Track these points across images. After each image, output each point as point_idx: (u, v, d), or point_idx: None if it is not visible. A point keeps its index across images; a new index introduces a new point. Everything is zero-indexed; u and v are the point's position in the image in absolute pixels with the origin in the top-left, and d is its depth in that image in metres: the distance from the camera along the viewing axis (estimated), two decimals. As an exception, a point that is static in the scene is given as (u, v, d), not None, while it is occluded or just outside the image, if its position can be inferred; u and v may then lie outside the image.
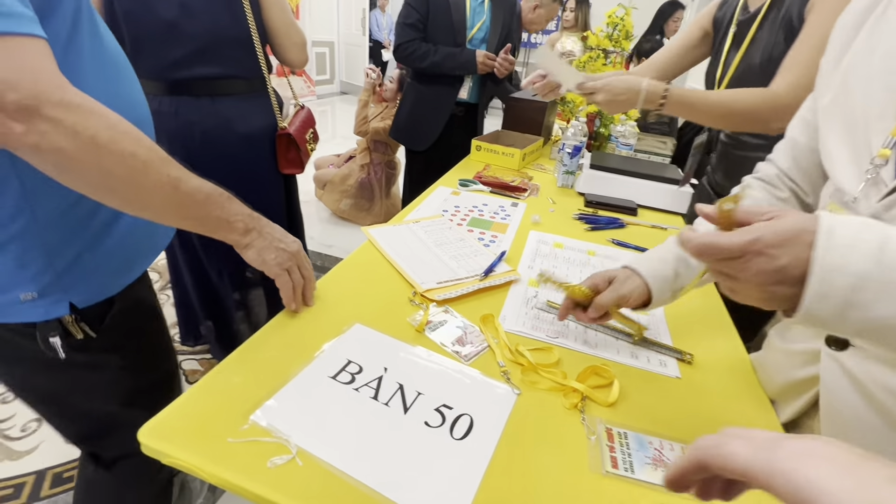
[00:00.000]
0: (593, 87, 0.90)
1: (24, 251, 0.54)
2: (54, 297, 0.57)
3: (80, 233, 0.58)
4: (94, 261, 0.60)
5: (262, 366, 0.55)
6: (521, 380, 0.58)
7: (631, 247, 0.98)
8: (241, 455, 0.44)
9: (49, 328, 0.58)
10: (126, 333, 0.68)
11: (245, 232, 0.60)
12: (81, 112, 0.43)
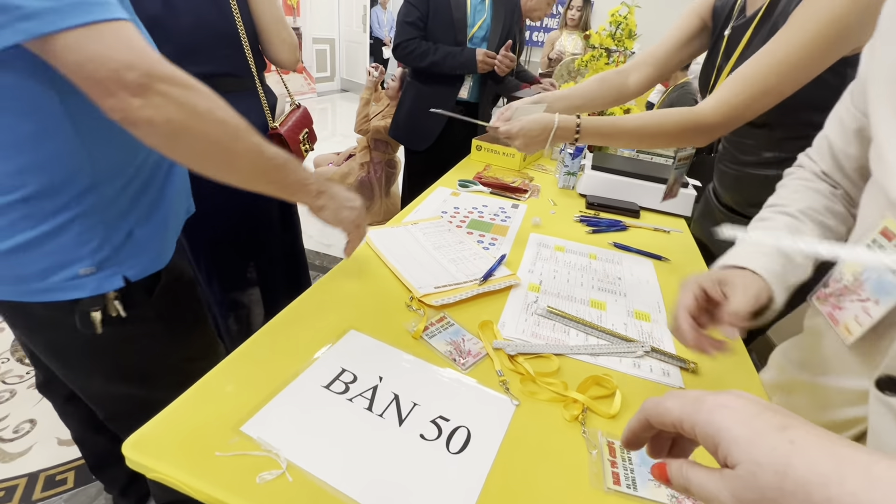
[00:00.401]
0: (507, 132, 0.87)
1: (86, 227, 0.58)
2: (110, 270, 0.62)
3: (134, 208, 0.63)
4: (144, 235, 0.65)
5: (254, 374, 0.54)
6: (521, 390, 0.56)
7: (633, 250, 0.96)
8: (229, 469, 0.43)
9: (93, 303, 0.61)
10: (171, 305, 0.71)
11: (318, 194, 0.65)
12: (183, 85, 0.48)
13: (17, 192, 0.53)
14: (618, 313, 0.74)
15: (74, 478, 1.16)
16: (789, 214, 0.55)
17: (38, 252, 0.57)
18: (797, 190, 0.57)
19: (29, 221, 0.55)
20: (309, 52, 6.05)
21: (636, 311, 0.75)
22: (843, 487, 0.19)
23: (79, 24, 0.42)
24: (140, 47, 0.45)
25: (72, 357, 0.68)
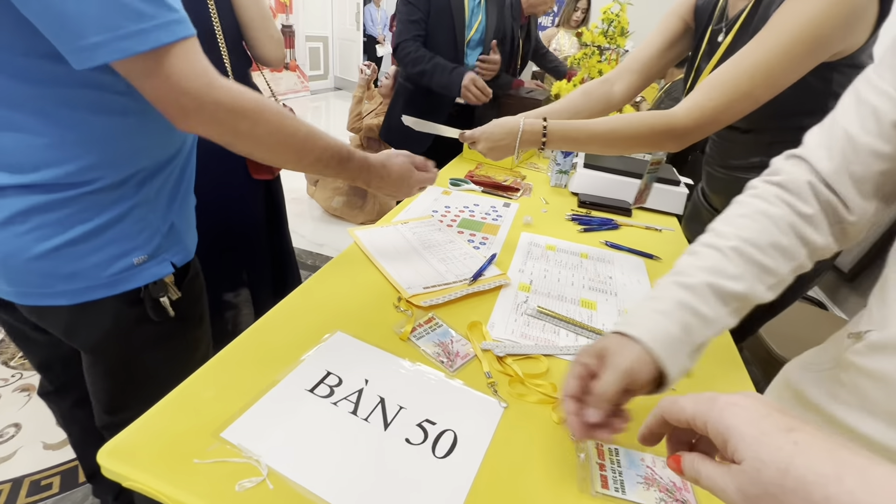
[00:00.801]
0: (472, 136, 0.85)
1: (140, 217, 0.61)
2: (160, 257, 0.65)
3: (175, 197, 0.67)
4: (181, 224, 0.68)
5: (236, 378, 0.52)
6: (509, 392, 0.55)
7: (624, 249, 0.96)
8: (208, 477, 0.41)
9: (158, 289, 0.64)
10: (191, 303, 0.72)
11: (369, 180, 0.72)
12: (229, 110, 0.52)
13: (89, 186, 0.55)
14: (608, 313, 0.73)
15: (60, 482, 1.14)
16: (719, 250, 0.45)
17: (98, 242, 0.58)
18: (745, 215, 0.47)
19: (89, 213, 0.56)
20: (302, 50, 6.00)
21: (627, 311, 0.74)
22: (842, 486, 0.20)
23: (161, 45, 0.46)
24: (198, 70, 0.49)
25: (112, 353, 0.68)
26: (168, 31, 0.46)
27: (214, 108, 0.51)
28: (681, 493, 0.45)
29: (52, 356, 0.77)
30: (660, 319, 0.41)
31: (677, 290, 0.43)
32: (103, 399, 0.72)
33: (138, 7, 0.44)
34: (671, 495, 0.44)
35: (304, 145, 0.61)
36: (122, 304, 0.63)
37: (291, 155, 0.60)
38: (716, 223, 0.48)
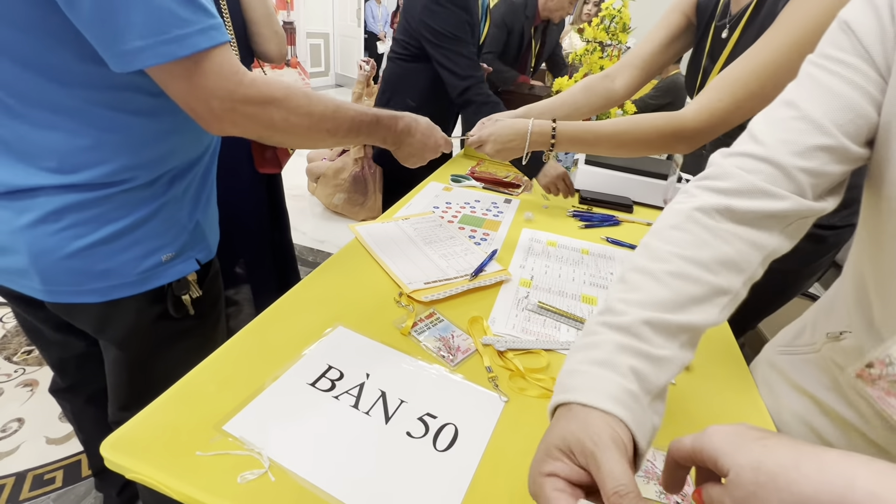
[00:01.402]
0: (479, 139, 0.85)
1: (170, 215, 0.62)
2: (186, 254, 0.65)
3: (201, 195, 0.68)
4: (206, 221, 0.69)
5: (238, 372, 0.52)
6: (509, 386, 0.55)
7: (626, 245, 0.96)
8: (210, 469, 0.42)
9: (181, 286, 0.65)
10: (210, 301, 0.72)
11: (396, 143, 0.74)
12: (260, 103, 0.53)
13: (125, 184, 0.56)
14: (609, 308, 0.73)
15: (63, 477, 1.15)
16: (653, 276, 0.38)
17: (129, 239, 0.58)
18: (678, 226, 0.40)
19: (121, 211, 0.57)
20: (303, 47, 5.99)
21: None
22: (800, 471, 0.23)
23: (200, 50, 0.47)
24: (229, 72, 0.50)
25: (136, 348, 0.69)
26: (207, 36, 0.47)
27: (244, 106, 0.52)
28: (681, 486, 0.45)
29: (68, 356, 0.78)
30: (604, 374, 0.34)
31: (611, 334, 0.36)
32: (122, 395, 0.73)
33: (181, 13, 0.45)
34: (671, 488, 0.44)
35: (336, 121, 0.61)
36: (146, 301, 0.63)
37: (326, 133, 0.61)
38: (648, 238, 0.42)
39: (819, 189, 0.41)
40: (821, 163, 0.39)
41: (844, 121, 0.39)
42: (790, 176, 0.39)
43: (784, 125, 0.41)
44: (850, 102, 0.39)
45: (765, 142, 0.41)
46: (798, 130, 0.40)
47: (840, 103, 0.39)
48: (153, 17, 0.44)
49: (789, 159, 0.39)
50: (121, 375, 0.71)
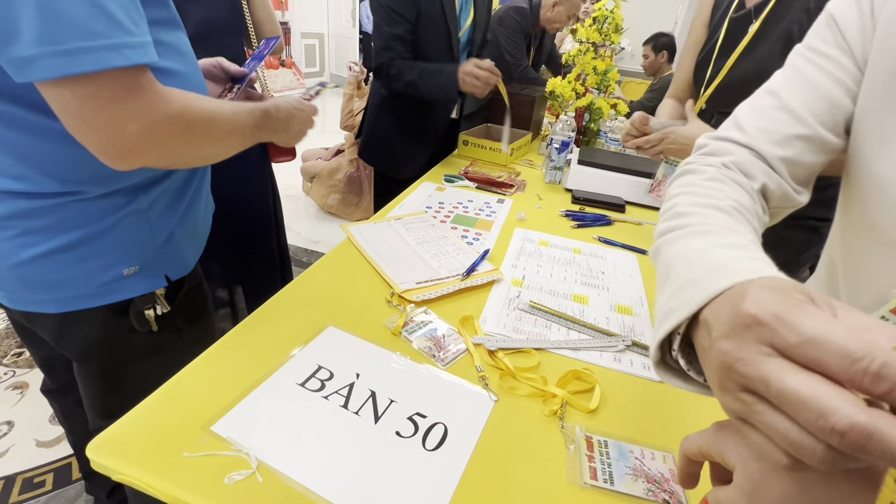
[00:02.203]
0: (655, 138, 0.93)
1: (133, 227, 0.59)
2: (154, 269, 0.63)
3: (175, 208, 0.64)
4: (182, 237, 0.66)
5: (227, 373, 0.52)
6: (500, 385, 0.55)
7: (618, 244, 0.96)
8: (197, 470, 0.41)
9: (145, 301, 0.63)
10: (188, 315, 0.70)
11: (275, 130, 0.66)
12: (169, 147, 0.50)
13: (77, 196, 0.54)
14: (600, 308, 0.73)
15: (53, 480, 1.14)
16: (721, 209, 0.36)
17: (84, 251, 0.56)
18: (716, 178, 0.41)
19: (77, 220, 0.55)
20: (298, 47, 5.97)
21: (619, 306, 0.74)
22: None
23: (107, 68, 0.41)
24: (151, 104, 0.45)
25: (102, 361, 0.67)
26: (119, 53, 0.41)
27: (163, 146, 0.48)
28: (668, 483, 0.45)
29: (55, 355, 0.77)
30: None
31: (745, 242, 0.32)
32: (96, 404, 0.72)
33: (87, 23, 0.39)
34: (659, 486, 0.45)
35: (238, 128, 0.57)
36: (111, 313, 0.61)
37: (237, 141, 0.57)
38: (677, 194, 0.41)
39: (797, 178, 0.42)
40: (797, 152, 0.41)
41: (821, 111, 0.41)
42: (770, 163, 0.41)
43: (765, 114, 0.43)
44: (827, 94, 0.41)
45: (747, 130, 0.43)
46: (777, 120, 0.42)
47: (818, 94, 0.41)
48: (49, 22, 0.38)
49: (769, 148, 0.41)
50: (89, 387, 0.70)
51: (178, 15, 0.57)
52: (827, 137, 0.41)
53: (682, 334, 0.29)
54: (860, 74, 0.40)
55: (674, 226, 0.36)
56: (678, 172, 0.45)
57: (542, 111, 1.84)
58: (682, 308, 0.27)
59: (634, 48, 5.58)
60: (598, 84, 1.63)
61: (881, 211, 0.39)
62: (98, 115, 0.43)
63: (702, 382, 0.30)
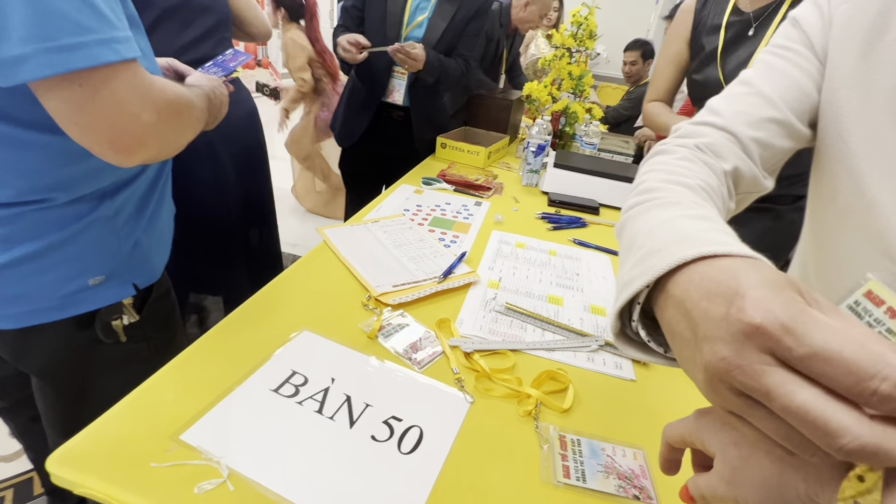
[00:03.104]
0: None
1: (98, 236, 0.57)
2: (120, 278, 0.60)
3: (141, 213, 0.62)
4: (148, 243, 0.64)
5: (197, 380, 0.51)
6: (475, 387, 0.56)
7: (592, 246, 0.98)
8: (165, 481, 0.40)
9: (112, 311, 0.60)
10: (156, 324, 0.68)
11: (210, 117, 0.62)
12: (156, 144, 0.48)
13: (38, 204, 0.51)
14: (574, 308, 0.75)
15: (13, 496, 1.08)
16: (689, 187, 0.37)
17: (45, 262, 0.53)
18: (686, 158, 0.42)
19: (39, 230, 0.52)
20: (275, 47, 5.87)
21: (592, 307, 0.76)
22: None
23: (102, 64, 0.40)
24: (145, 98, 0.45)
25: (65, 376, 0.63)
26: (110, 48, 0.40)
27: (163, 135, 0.48)
28: (638, 479, 0.46)
29: (6, 374, 0.72)
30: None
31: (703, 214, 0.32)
32: (57, 423, 0.68)
33: (77, 17, 0.38)
34: (629, 482, 0.46)
35: (202, 112, 0.56)
36: (75, 326, 0.59)
37: (200, 126, 0.57)
38: (648, 172, 0.42)
39: (766, 163, 0.45)
40: (770, 134, 0.44)
41: (791, 98, 0.44)
42: (743, 145, 0.44)
43: (740, 100, 0.46)
44: (796, 82, 0.44)
45: (722, 113, 0.45)
46: (752, 104, 0.45)
47: (788, 82, 0.44)
48: (39, 18, 0.36)
49: (743, 129, 0.44)
50: (50, 404, 0.66)
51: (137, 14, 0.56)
52: (796, 124, 0.44)
53: (643, 304, 0.29)
54: (822, 67, 0.44)
55: (640, 200, 0.37)
56: (652, 152, 0.47)
57: (520, 115, 1.86)
58: (643, 276, 0.27)
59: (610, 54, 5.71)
60: (573, 89, 1.66)
61: (850, 195, 0.41)
62: (106, 109, 0.42)
63: (662, 353, 0.30)
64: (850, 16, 0.41)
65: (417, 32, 1.42)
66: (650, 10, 5.78)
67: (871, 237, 0.40)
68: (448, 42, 1.43)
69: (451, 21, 1.41)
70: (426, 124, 1.51)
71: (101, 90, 0.42)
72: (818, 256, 0.48)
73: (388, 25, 1.39)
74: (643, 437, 0.52)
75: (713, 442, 0.26)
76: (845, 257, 0.44)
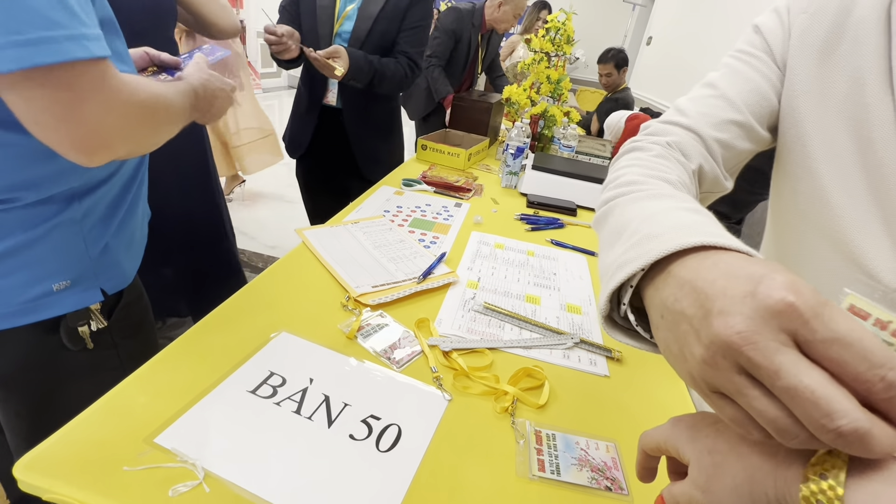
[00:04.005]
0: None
1: (64, 238, 0.55)
2: (87, 283, 0.58)
3: (112, 217, 0.61)
4: (118, 248, 0.62)
5: (172, 382, 0.50)
6: (454, 385, 0.57)
7: (569, 247, 1.00)
8: (139, 485, 0.40)
9: (78, 317, 0.58)
10: (127, 330, 0.66)
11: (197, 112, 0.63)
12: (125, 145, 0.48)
13: (5, 204, 0.50)
14: (551, 307, 0.77)
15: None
16: (669, 182, 0.39)
17: (7, 265, 0.51)
18: (662, 155, 0.44)
19: (1, 231, 0.50)
20: (254, 47, 5.78)
21: (568, 305, 0.78)
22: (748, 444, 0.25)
23: (71, 59, 0.39)
24: (115, 97, 0.44)
25: (29, 384, 0.61)
26: (79, 45, 0.40)
27: (132, 136, 0.47)
28: (610, 471, 0.48)
29: None
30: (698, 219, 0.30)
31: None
32: (21, 434, 0.65)
33: (46, 12, 0.38)
34: (602, 474, 0.47)
35: (180, 110, 0.56)
36: (39, 332, 0.57)
37: (180, 124, 0.57)
38: (622, 169, 0.43)
39: (728, 163, 0.47)
40: (732, 136, 0.46)
41: (752, 101, 0.46)
42: (707, 145, 0.46)
43: (704, 101, 0.48)
44: (757, 86, 0.46)
45: (688, 114, 0.48)
46: (715, 106, 0.47)
47: (749, 86, 0.47)
48: (7, 12, 0.36)
49: (707, 130, 0.46)
50: (12, 415, 0.63)
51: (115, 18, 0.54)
52: (756, 127, 0.47)
53: (634, 287, 0.29)
54: (782, 74, 0.46)
55: (624, 192, 0.38)
56: (624, 149, 0.49)
57: (500, 117, 1.89)
58: (640, 258, 0.28)
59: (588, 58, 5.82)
60: (551, 92, 1.69)
61: (810, 197, 0.44)
62: (72, 109, 0.41)
63: (649, 339, 0.31)
64: (807, 26, 0.44)
65: (348, 25, 1.28)
66: (626, 17, 5.92)
67: (831, 238, 0.42)
68: (382, 35, 1.27)
69: (381, 10, 1.25)
70: (362, 128, 1.37)
71: (65, 89, 0.41)
72: (780, 257, 0.51)
73: (319, 21, 1.27)
74: (615, 430, 0.54)
75: (688, 450, 0.27)
76: (806, 257, 0.46)
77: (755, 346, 0.20)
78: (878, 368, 0.19)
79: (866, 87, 0.39)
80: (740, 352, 0.21)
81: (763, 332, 0.20)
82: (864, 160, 0.39)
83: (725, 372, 0.21)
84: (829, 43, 0.42)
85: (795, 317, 0.20)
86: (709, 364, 0.22)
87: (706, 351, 0.22)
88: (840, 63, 0.41)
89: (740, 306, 0.21)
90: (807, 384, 0.19)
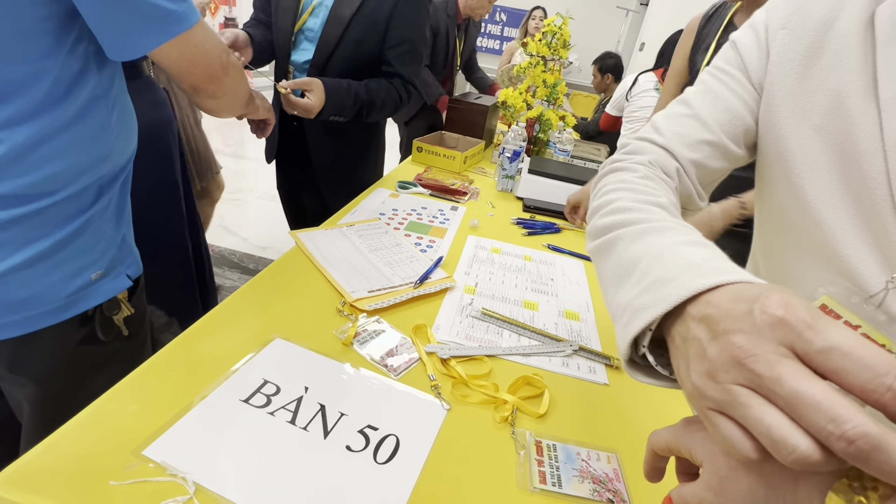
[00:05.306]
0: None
1: (97, 229, 0.57)
2: (116, 270, 0.61)
3: (124, 206, 0.63)
4: (129, 233, 0.65)
5: (162, 391, 0.49)
6: (452, 393, 0.56)
7: (566, 252, 1.00)
8: (126, 500, 0.38)
9: (112, 306, 0.60)
10: (139, 319, 0.67)
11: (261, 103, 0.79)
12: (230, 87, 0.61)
13: (48, 199, 0.50)
14: (549, 314, 0.76)
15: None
16: (662, 207, 0.39)
17: (51, 262, 0.52)
18: (648, 176, 0.44)
19: (45, 228, 0.51)
20: (245, 45, 5.72)
21: (566, 311, 0.77)
22: None
23: (190, 27, 0.51)
24: (218, 42, 0.57)
25: (59, 380, 0.60)
26: (194, 13, 0.52)
27: (230, 69, 0.58)
28: (612, 483, 0.47)
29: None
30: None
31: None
32: (45, 433, 0.63)
33: (167, 7, 0.50)
34: (603, 486, 0.47)
35: (246, 86, 0.66)
36: (70, 326, 0.57)
37: (244, 101, 0.68)
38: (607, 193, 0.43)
39: (702, 182, 0.48)
40: (704, 155, 0.47)
41: (725, 121, 0.47)
42: (682, 164, 0.46)
43: (678, 121, 0.48)
44: (730, 106, 0.47)
45: (664, 133, 0.48)
46: (689, 126, 0.47)
47: (722, 106, 0.47)
48: (143, 12, 0.48)
49: (681, 150, 0.47)
50: (39, 415, 0.62)
51: None
52: (729, 146, 0.47)
53: (654, 330, 0.29)
54: (757, 95, 0.46)
55: (622, 220, 0.38)
56: (606, 170, 0.49)
57: (495, 120, 1.88)
58: (658, 304, 0.28)
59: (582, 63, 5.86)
60: (547, 96, 1.69)
61: (795, 210, 0.43)
62: (201, 55, 0.55)
63: (667, 376, 0.31)
64: (787, 41, 0.44)
65: (313, 23, 1.07)
66: (620, 22, 5.98)
67: (818, 250, 0.42)
68: (358, 44, 1.07)
69: (356, 14, 1.04)
70: (322, 136, 1.19)
71: (192, 44, 0.53)
72: (769, 268, 0.51)
73: (281, 11, 1.10)
74: (616, 440, 0.53)
75: (701, 451, 0.26)
76: (795, 269, 0.46)
77: (756, 357, 0.21)
78: (884, 377, 0.18)
79: (849, 101, 0.39)
80: (743, 365, 0.21)
81: (762, 345, 0.21)
82: (848, 174, 0.39)
83: (727, 385, 0.22)
84: (809, 58, 0.42)
85: (788, 329, 0.21)
86: (712, 378, 0.23)
87: (708, 366, 0.23)
88: (821, 77, 0.41)
89: (740, 324, 0.22)
90: (808, 389, 0.19)
